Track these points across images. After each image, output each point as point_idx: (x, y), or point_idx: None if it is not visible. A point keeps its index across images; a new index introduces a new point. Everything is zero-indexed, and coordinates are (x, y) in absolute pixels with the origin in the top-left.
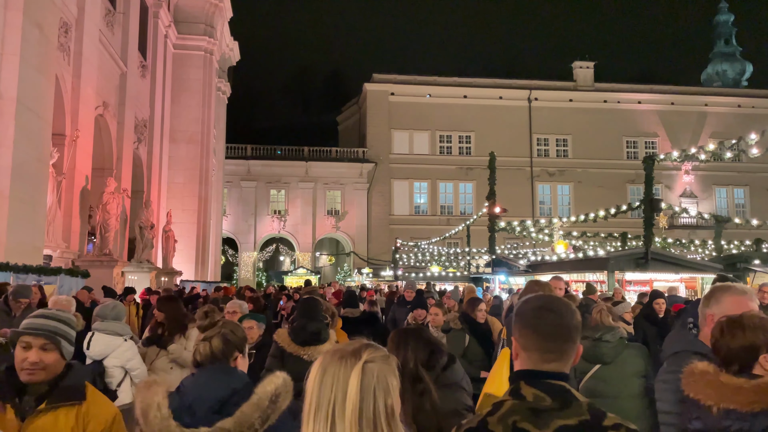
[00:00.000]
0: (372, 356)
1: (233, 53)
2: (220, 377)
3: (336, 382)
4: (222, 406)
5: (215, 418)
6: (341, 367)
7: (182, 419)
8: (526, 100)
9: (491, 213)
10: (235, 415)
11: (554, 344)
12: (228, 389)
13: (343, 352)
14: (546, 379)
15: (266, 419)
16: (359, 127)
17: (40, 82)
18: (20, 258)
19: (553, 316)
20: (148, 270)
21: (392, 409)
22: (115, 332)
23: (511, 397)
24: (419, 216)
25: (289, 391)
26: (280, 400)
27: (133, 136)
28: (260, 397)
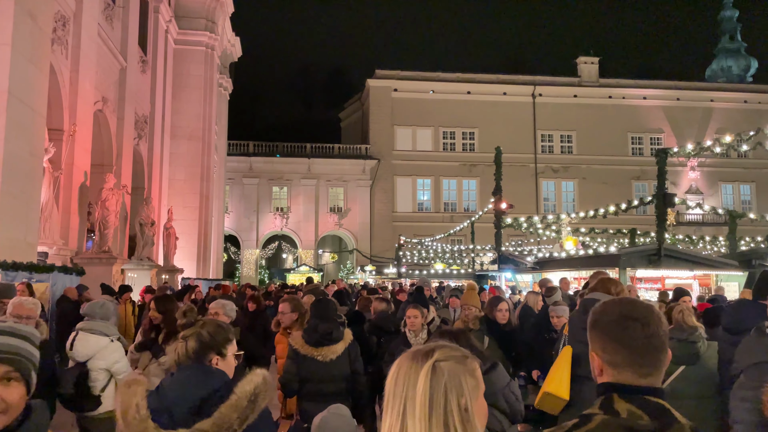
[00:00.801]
0: (445, 355)
1: (235, 49)
2: (198, 378)
3: (407, 380)
4: (201, 406)
5: (194, 419)
6: (413, 365)
7: (160, 420)
8: (530, 96)
9: (497, 209)
10: (214, 416)
11: (648, 358)
12: (206, 390)
13: (417, 351)
14: (643, 394)
15: (245, 419)
16: (362, 124)
17: (33, 74)
18: (12, 255)
19: (641, 326)
20: (149, 268)
21: (466, 408)
22: (101, 332)
23: (602, 411)
24: (422, 213)
25: (268, 390)
26: (259, 399)
27: (134, 132)
28: (239, 397)
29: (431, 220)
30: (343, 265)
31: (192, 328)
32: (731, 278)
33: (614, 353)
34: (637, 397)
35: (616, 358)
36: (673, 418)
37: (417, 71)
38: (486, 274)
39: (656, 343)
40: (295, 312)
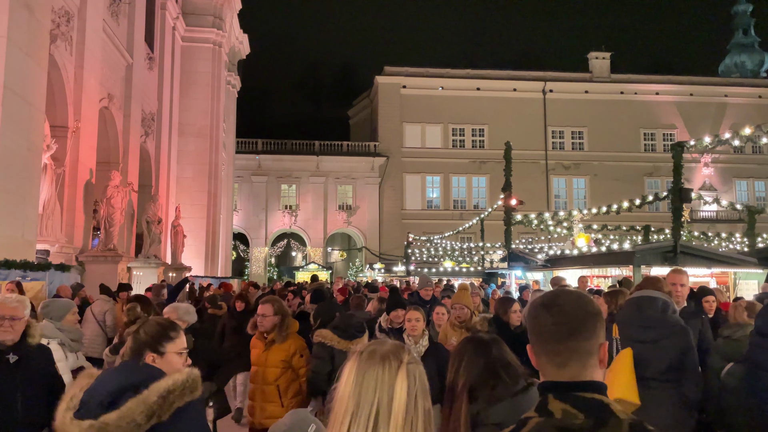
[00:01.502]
0: (410, 357)
1: (243, 46)
2: (119, 372)
3: (380, 385)
4: (113, 400)
5: (103, 412)
6: (384, 369)
7: (80, 411)
8: (541, 92)
9: (507, 205)
10: (120, 410)
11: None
12: (120, 384)
13: (382, 353)
14: (578, 391)
15: (152, 415)
16: (371, 121)
17: (31, 67)
18: (8, 253)
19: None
20: (156, 266)
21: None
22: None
23: (537, 413)
24: (432, 210)
25: (192, 388)
26: (171, 396)
27: (140, 129)
28: (149, 393)
29: (440, 217)
30: (352, 263)
31: (132, 326)
32: (750, 276)
33: (533, 343)
34: (572, 395)
35: (535, 348)
36: (610, 413)
37: (426, 68)
38: (496, 272)
39: (565, 329)
40: (278, 315)
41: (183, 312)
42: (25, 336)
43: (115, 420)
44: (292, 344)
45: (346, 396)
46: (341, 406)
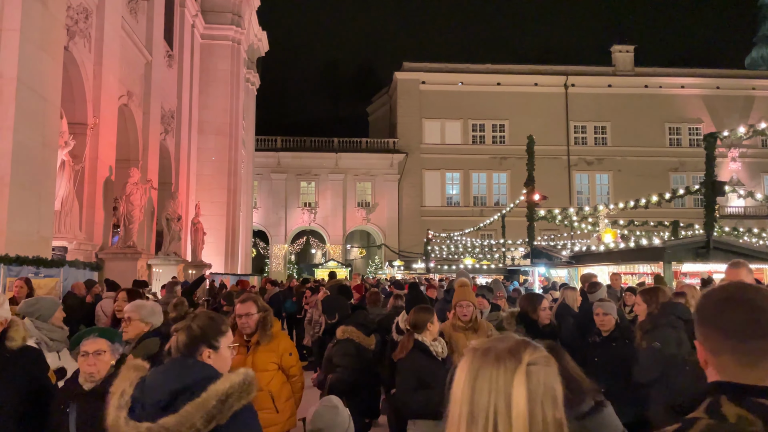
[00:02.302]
0: (534, 357)
1: (262, 43)
2: (174, 371)
3: (495, 389)
4: (171, 401)
5: (161, 414)
6: (499, 370)
7: (135, 410)
8: (563, 87)
9: (530, 201)
10: (179, 413)
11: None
12: (177, 384)
13: (497, 351)
14: (759, 397)
15: (211, 419)
16: (389, 117)
17: (45, 61)
18: (23, 249)
19: (743, 307)
20: (176, 263)
21: (561, 424)
22: None
23: (708, 414)
24: (451, 207)
25: (249, 391)
26: (230, 400)
27: (160, 126)
28: (208, 396)
29: (460, 214)
30: (371, 260)
31: (183, 321)
32: None
33: (714, 340)
34: (751, 400)
35: (715, 344)
36: None
37: (445, 63)
38: (518, 269)
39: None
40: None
41: (147, 312)
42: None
43: (174, 424)
44: (280, 343)
45: (458, 399)
46: (455, 410)
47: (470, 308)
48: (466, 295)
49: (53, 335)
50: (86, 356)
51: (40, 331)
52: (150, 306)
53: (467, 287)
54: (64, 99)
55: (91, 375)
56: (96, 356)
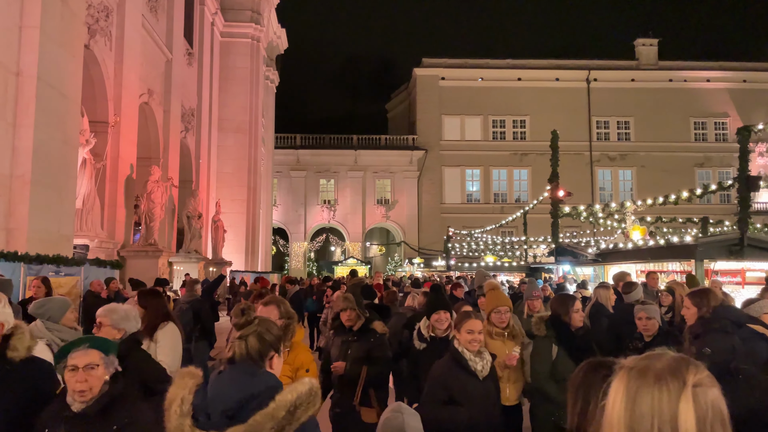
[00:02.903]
0: (699, 378)
1: (281, 41)
2: (240, 379)
3: (658, 413)
4: (238, 410)
5: (228, 423)
6: (662, 392)
7: (198, 419)
8: (585, 81)
9: (554, 197)
10: (247, 423)
11: None
12: (245, 393)
13: (656, 370)
14: None
15: (280, 430)
16: (409, 114)
17: (65, 58)
18: (44, 248)
19: None
20: (196, 260)
21: None
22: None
23: None
24: (472, 204)
25: (314, 402)
26: (299, 411)
27: (180, 124)
28: (277, 407)
29: (481, 211)
30: (390, 258)
31: (251, 326)
32: None
33: None
34: None
35: None
36: None
37: (465, 59)
38: (541, 267)
39: None
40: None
41: (119, 317)
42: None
43: None
44: (298, 355)
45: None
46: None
47: (508, 314)
48: (501, 299)
49: (64, 336)
50: (75, 371)
51: (51, 333)
52: (124, 310)
53: (500, 290)
54: (85, 97)
55: (82, 394)
56: (87, 371)
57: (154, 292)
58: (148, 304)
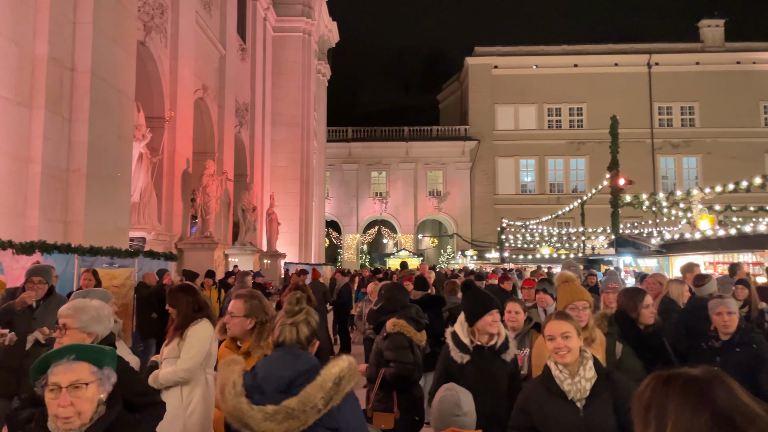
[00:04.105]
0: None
1: (332, 34)
2: (288, 359)
3: None
4: (289, 385)
5: (281, 396)
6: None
7: (252, 397)
8: (646, 66)
9: (614, 186)
10: (300, 395)
11: None
12: (294, 371)
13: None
14: None
15: (329, 400)
16: (460, 104)
17: (118, 54)
18: (100, 240)
19: None
20: (251, 252)
21: None
22: None
23: None
24: (526, 195)
25: (354, 375)
26: (343, 382)
27: (235, 119)
28: (324, 379)
29: (536, 202)
30: (443, 250)
31: (300, 315)
32: None
33: None
34: None
35: None
36: None
37: (519, 46)
38: (600, 259)
39: None
40: (250, 318)
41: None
42: None
43: (298, 404)
44: None
45: None
46: None
47: (586, 311)
48: (578, 293)
49: None
50: (57, 392)
51: None
52: (95, 309)
53: (574, 283)
54: (142, 94)
55: (67, 421)
56: (73, 392)
57: (185, 289)
58: (178, 303)
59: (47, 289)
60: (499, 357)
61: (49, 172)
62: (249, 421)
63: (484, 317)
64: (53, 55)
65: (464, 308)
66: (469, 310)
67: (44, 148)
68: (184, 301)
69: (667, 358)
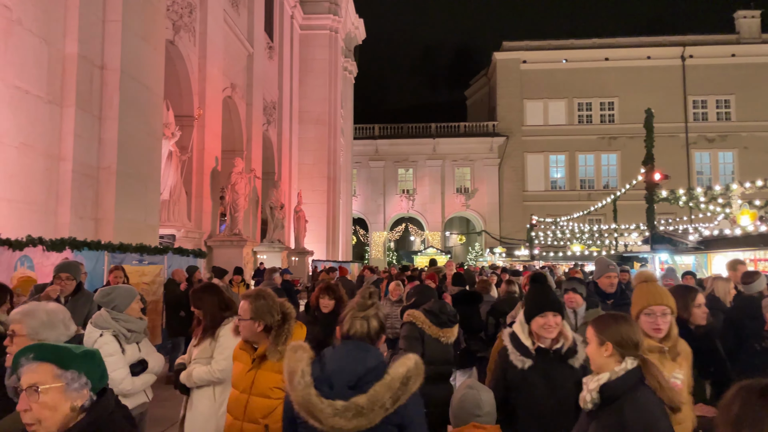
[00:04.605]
0: None
1: (358, 31)
2: (358, 354)
3: None
4: (357, 381)
5: (350, 393)
6: None
7: (321, 389)
8: (679, 59)
9: (649, 181)
10: (369, 393)
11: None
12: (364, 366)
13: None
14: None
15: (396, 399)
16: (488, 100)
17: (147, 51)
18: (130, 237)
19: None
20: (279, 249)
21: None
22: (96, 324)
23: None
24: (556, 191)
25: (420, 374)
26: (410, 382)
27: (263, 117)
28: (392, 378)
29: (566, 198)
30: (471, 248)
31: (371, 309)
32: None
33: None
34: None
35: None
36: None
37: (548, 40)
38: (634, 256)
39: None
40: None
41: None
42: None
43: (367, 403)
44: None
45: None
46: None
47: (666, 318)
48: (658, 295)
49: (130, 326)
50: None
51: (117, 323)
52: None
53: (654, 283)
54: (171, 92)
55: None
56: (31, 395)
57: (209, 289)
58: (203, 303)
59: (75, 285)
60: (566, 362)
61: (80, 169)
62: (318, 415)
63: (536, 318)
64: (83, 54)
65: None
66: (525, 308)
67: (75, 146)
68: (209, 302)
69: (720, 362)
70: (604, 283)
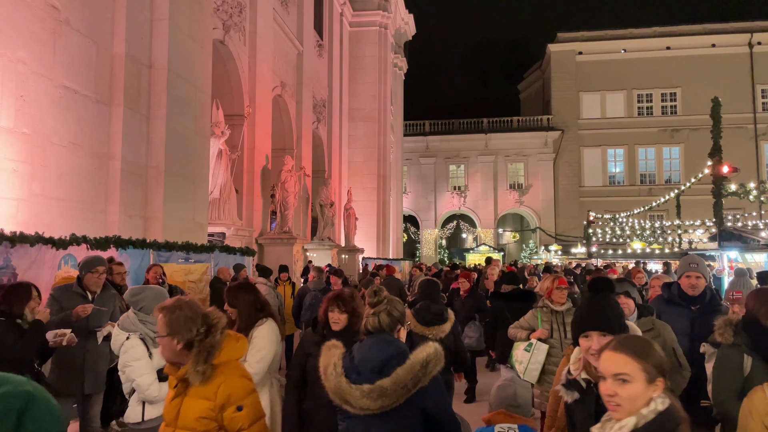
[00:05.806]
0: None
1: (408, 27)
2: (380, 344)
3: None
4: (381, 367)
5: (376, 377)
6: None
7: (350, 377)
8: (747, 46)
9: (717, 174)
10: (392, 376)
11: None
12: (386, 354)
13: None
14: None
15: (417, 381)
16: (542, 94)
17: (194, 50)
18: (180, 235)
19: None
20: (329, 247)
21: None
22: (124, 326)
23: None
24: (614, 186)
25: (440, 359)
26: (430, 366)
27: (312, 115)
28: (413, 363)
29: (625, 194)
30: (525, 245)
31: (381, 305)
32: None
33: None
34: None
35: None
36: None
37: (605, 30)
38: (700, 254)
39: None
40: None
41: None
42: None
43: (390, 384)
44: (221, 387)
45: None
46: None
47: None
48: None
49: None
50: None
51: (144, 326)
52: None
53: None
54: (222, 92)
55: None
56: None
57: (244, 287)
58: (239, 302)
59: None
60: None
61: (129, 168)
62: (349, 398)
63: (580, 339)
64: (131, 53)
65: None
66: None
67: (123, 145)
68: (245, 301)
69: None
70: (684, 284)
